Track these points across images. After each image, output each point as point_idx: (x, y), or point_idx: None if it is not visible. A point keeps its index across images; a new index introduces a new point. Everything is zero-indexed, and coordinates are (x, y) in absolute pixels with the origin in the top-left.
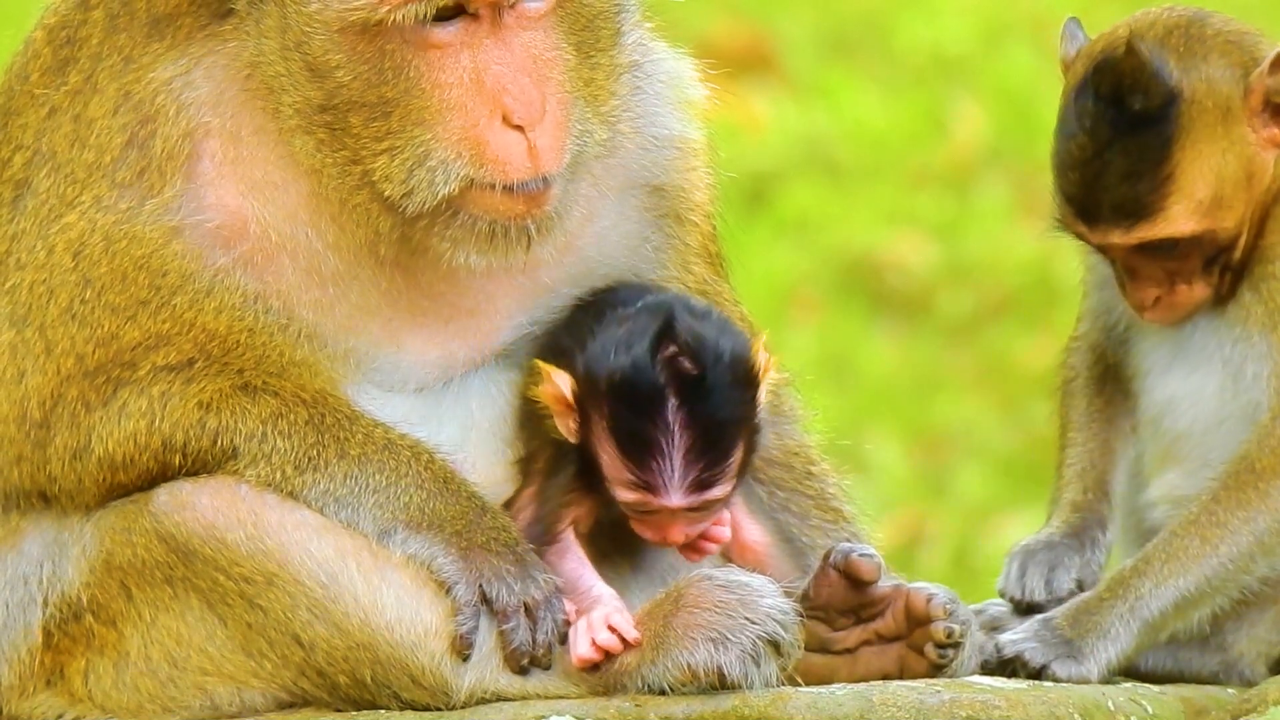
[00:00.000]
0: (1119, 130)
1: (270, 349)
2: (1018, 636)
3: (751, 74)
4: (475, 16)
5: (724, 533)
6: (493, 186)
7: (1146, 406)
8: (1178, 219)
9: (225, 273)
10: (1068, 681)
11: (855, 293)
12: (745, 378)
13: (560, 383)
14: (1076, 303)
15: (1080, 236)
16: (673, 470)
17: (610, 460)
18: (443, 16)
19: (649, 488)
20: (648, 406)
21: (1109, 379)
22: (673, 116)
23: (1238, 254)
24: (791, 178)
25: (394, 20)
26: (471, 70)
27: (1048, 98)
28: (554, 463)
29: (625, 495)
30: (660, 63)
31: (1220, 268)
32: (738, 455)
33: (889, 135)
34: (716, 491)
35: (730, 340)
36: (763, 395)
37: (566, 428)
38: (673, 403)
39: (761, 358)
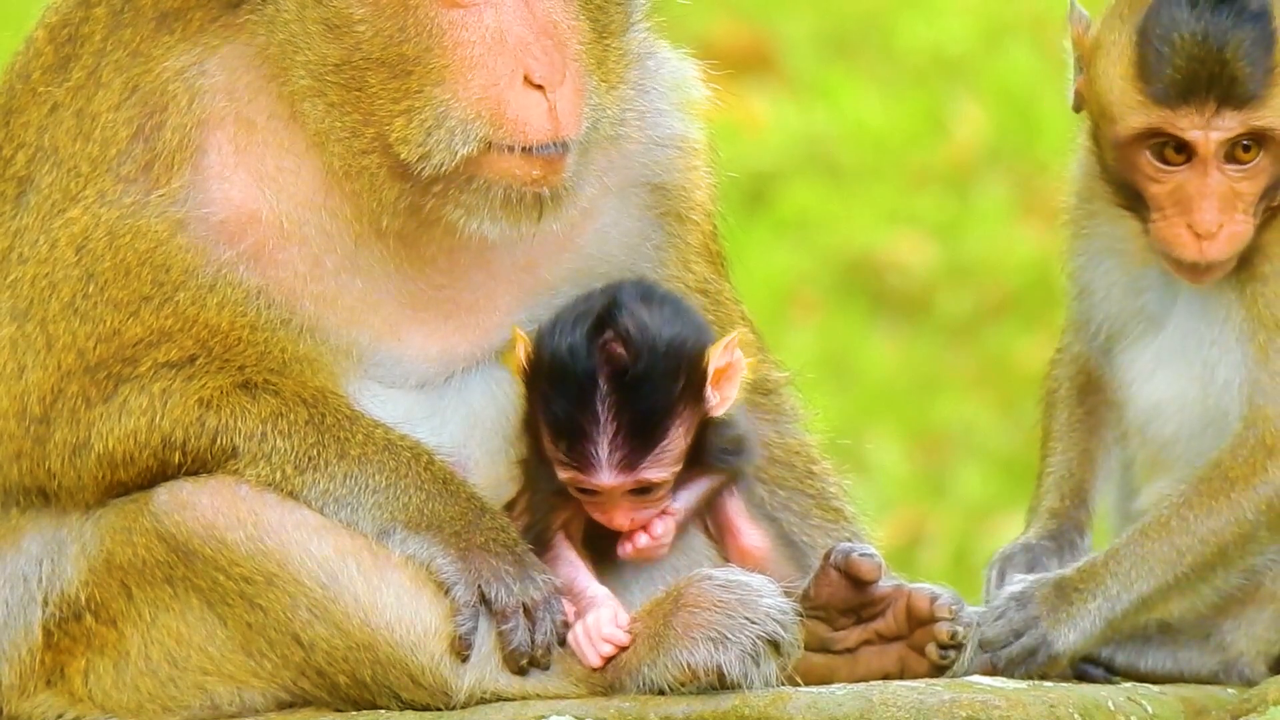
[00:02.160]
0: (1238, 20)
1: (272, 345)
2: (996, 629)
3: (751, 74)
4: None
5: (660, 540)
6: (511, 149)
7: (1132, 415)
8: None
9: (229, 267)
10: (1025, 678)
11: (855, 293)
12: (681, 369)
13: (520, 353)
14: None
15: (1180, 132)
16: (598, 453)
17: (546, 437)
18: None
19: (579, 467)
20: (577, 391)
21: (1091, 389)
22: (675, 116)
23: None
24: (791, 178)
25: None
26: (494, 29)
27: (1048, 98)
28: (536, 467)
29: (561, 473)
30: (664, 63)
31: (1266, 208)
32: (674, 441)
33: (889, 135)
34: (652, 474)
35: (673, 330)
36: (716, 390)
37: (523, 397)
38: (602, 389)
39: (716, 354)
